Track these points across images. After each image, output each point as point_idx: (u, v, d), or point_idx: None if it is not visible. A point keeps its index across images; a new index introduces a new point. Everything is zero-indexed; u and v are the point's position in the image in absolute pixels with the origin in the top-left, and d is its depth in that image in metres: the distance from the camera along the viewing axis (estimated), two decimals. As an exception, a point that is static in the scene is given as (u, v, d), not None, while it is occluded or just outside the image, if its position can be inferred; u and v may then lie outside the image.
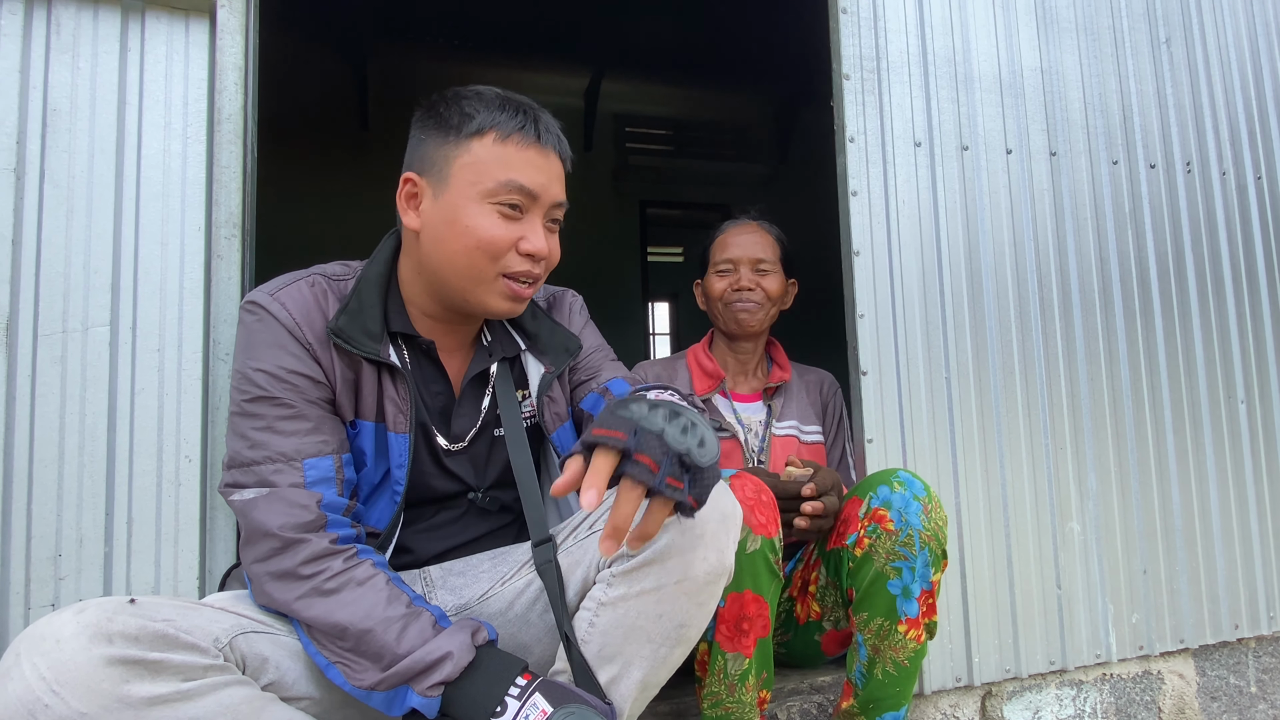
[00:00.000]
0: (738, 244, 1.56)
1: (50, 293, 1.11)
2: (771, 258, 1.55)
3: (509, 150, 0.90)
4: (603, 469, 0.66)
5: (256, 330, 0.88)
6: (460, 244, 0.90)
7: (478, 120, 0.90)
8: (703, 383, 1.56)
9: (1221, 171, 1.86)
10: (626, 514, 0.67)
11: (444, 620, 0.82)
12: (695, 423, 0.71)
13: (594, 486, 0.65)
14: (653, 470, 0.66)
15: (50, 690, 0.62)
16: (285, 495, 0.83)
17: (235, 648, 0.75)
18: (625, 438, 0.66)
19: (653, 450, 0.67)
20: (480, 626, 0.82)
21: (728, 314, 1.54)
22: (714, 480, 0.71)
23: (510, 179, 0.89)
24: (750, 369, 1.60)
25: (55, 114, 1.13)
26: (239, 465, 0.85)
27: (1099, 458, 1.66)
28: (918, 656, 1.11)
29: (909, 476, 1.13)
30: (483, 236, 0.89)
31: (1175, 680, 1.71)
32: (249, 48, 1.22)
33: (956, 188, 1.62)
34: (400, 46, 3.95)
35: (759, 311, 1.53)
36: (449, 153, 0.91)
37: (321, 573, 0.81)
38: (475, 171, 0.89)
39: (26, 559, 1.07)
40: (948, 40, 1.65)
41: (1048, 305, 1.66)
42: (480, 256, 0.90)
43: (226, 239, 1.19)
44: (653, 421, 0.68)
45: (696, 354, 1.61)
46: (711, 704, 1.07)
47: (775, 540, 1.04)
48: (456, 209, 0.90)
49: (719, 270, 1.57)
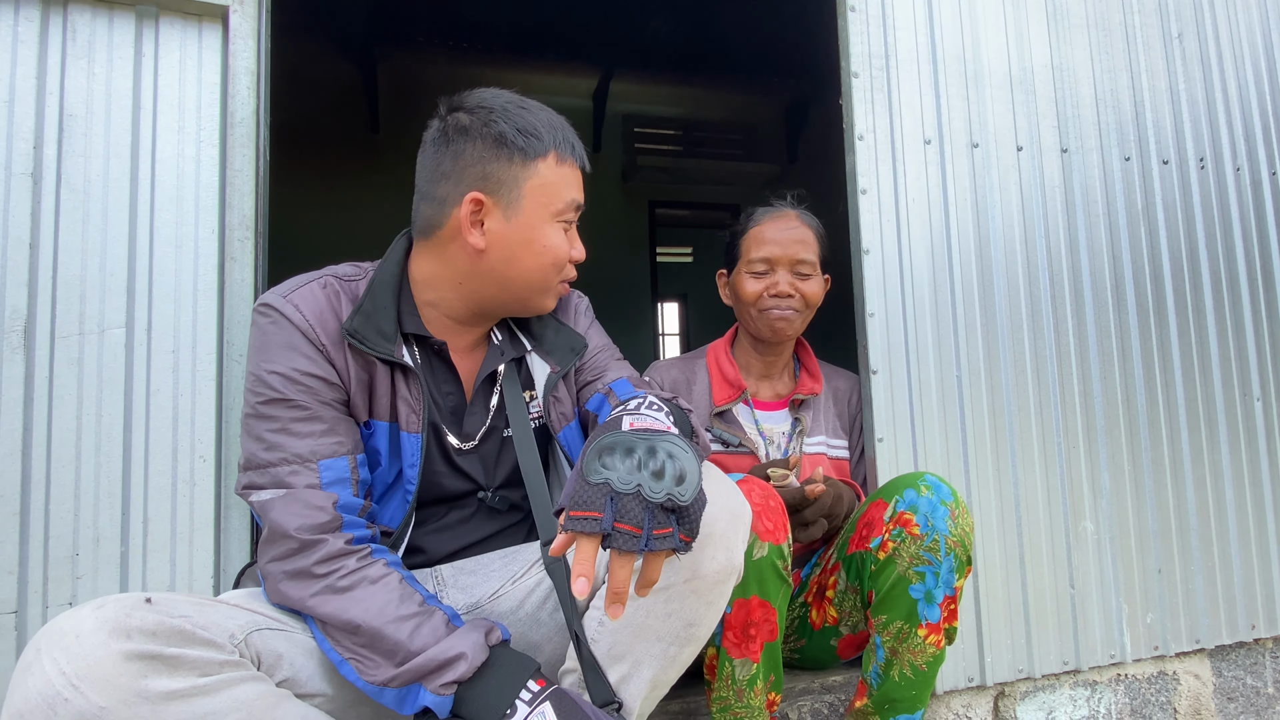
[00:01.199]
0: (777, 241, 1.39)
1: (67, 295, 1.13)
2: (813, 258, 1.40)
3: (565, 171, 0.97)
4: (588, 554, 0.68)
5: (270, 332, 0.89)
6: (537, 261, 0.96)
7: (542, 143, 0.95)
8: (723, 391, 1.43)
9: (1236, 167, 1.84)
10: (623, 578, 0.69)
11: (456, 620, 0.83)
12: (673, 453, 0.72)
13: (582, 575, 0.66)
14: (636, 534, 0.67)
15: (70, 684, 0.63)
16: (301, 496, 0.84)
17: (250, 644, 0.75)
18: (601, 516, 0.67)
19: (632, 515, 0.68)
20: (494, 627, 0.83)
21: (761, 320, 1.40)
22: (701, 507, 0.72)
23: (573, 198, 0.98)
24: (776, 374, 1.49)
25: (71, 119, 1.15)
26: (255, 467, 0.86)
27: (1112, 456, 1.64)
28: (936, 661, 1.10)
29: (936, 481, 1.11)
30: (558, 254, 0.98)
31: (1191, 681, 1.69)
32: (261, 52, 1.24)
33: (967, 185, 1.61)
34: (410, 50, 3.97)
35: (796, 320, 1.40)
36: (518, 174, 0.94)
37: (335, 571, 0.81)
38: (546, 194, 0.96)
39: (45, 557, 1.08)
40: (957, 37, 1.65)
41: (1059, 302, 1.65)
42: (553, 271, 0.98)
43: (240, 241, 1.20)
44: (627, 481, 0.69)
45: (718, 355, 1.48)
46: (720, 708, 1.07)
47: (784, 546, 1.04)
48: (533, 229, 0.95)
49: (754, 271, 1.41)
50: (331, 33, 3.70)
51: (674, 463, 0.72)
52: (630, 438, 0.74)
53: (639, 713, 0.89)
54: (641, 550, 0.67)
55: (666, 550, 0.70)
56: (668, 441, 0.74)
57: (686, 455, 0.73)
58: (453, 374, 1.01)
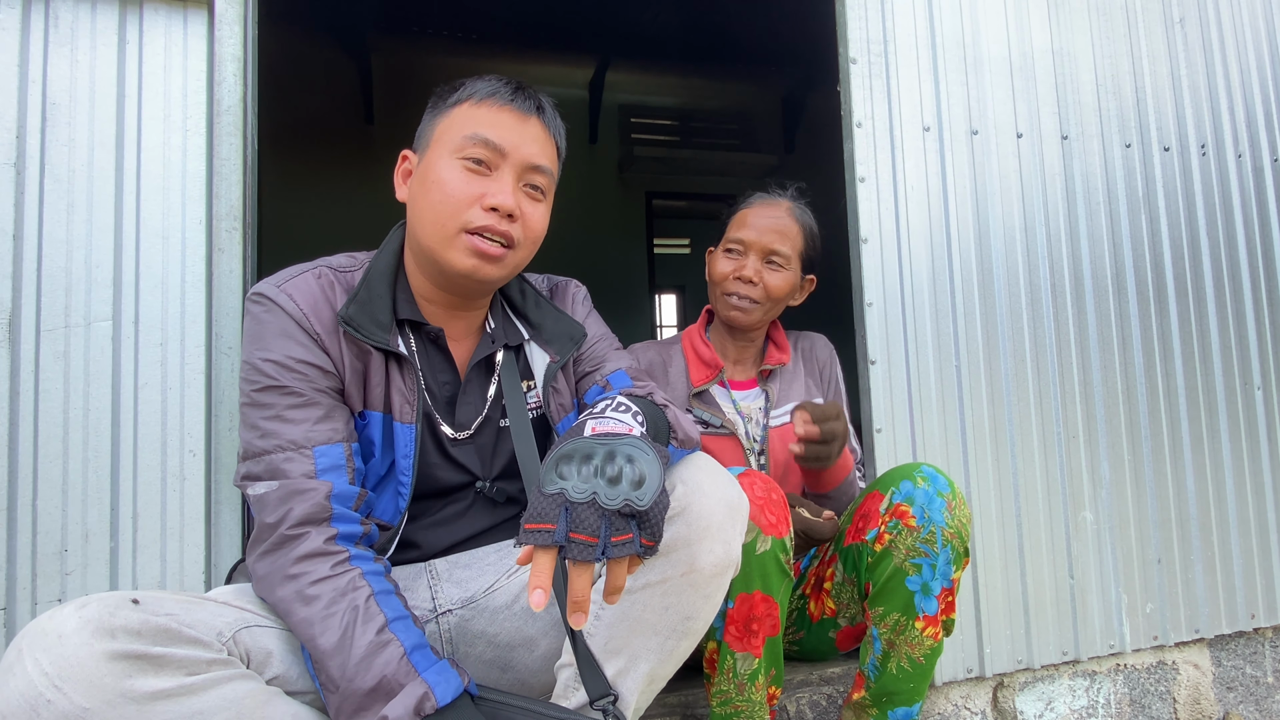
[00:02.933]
0: (755, 226, 1.36)
1: (52, 287, 1.11)
2: (789, 251, 1.36)
3: (481, 110, 0.92)
4: (544, 566, 0.66)
5: (265, 320, 0.88)
6: (427, 199, 0.91)
7: (461, 91, 0.94)
8: (700, 372, 1.40)
9: (1237, 154, 1.83)
10: (582, 587, 0.67)
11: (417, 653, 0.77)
12: (633, 457, 0.71)
13: (539, 586, 0.65)
14: (592, 544, 0.66)
15: (53, 686, 0.61)
16: (295, 487, 0.82)
17: (239, 642, 0.74)
18: (554, 527, 0.66)
19: (587, 524, 0.66)
20: (429, 693, 0.74)
21: (722, 304, 1.38)
22: (663, 510, 0.71)
23: (475, 133, 0.90)
24: (749, 356, 1.46)
25: (54, 108, 1.13)
26: (251, 456, 0.85)
27: (1112, 446, 1.63)
28: (934, 654, 1.09)
29: (933, 472, 1.10)
30: (446, 189, 0.90)
31: (1190, 670, 1.69)
32: (248, 39, 1.21)
33: (966, 172, 1.59)
34: (404, 40, 3.94)
35: (754, 311, 1.36)
36: (434, 122, 0.94)
37: (306, 575, 0.79)
38: (448, 132, 0.92)
39: (33, 554, 1.07)
40: (956, 22, 1.62)
41: (1059, 291, 1.64)
42: (444, 209, 0.90)
43: (228, 232, 1.18)
44: (582, 490, 0.68)
45: (693, 338, 1.45)
46: (720, 702, 1.06)
47: (786, 540, 1.03)
48: (428, 166, 0.92)
49: (728, 249, 1.38)
50: (324, 22, 3.66)
51: (633, 466, 0.70)
52: (590, 444, 0.73)
53: (636, 706, 0.88)
54: (598, 559, 0.66)
55: (629, 557, 0.69)
56: (627, 445, 0.73)
57: (648, 458, 0.72)
58: (450, 363, 0.99)
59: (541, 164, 0.94)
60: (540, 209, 0.96)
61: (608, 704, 0.84)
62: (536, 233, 0.96)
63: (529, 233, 0.95)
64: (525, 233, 0.94)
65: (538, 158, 0.94)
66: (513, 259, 0.94)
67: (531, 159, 0.93)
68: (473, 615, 0.96)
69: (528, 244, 0.95)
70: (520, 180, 0.93)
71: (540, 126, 0.95)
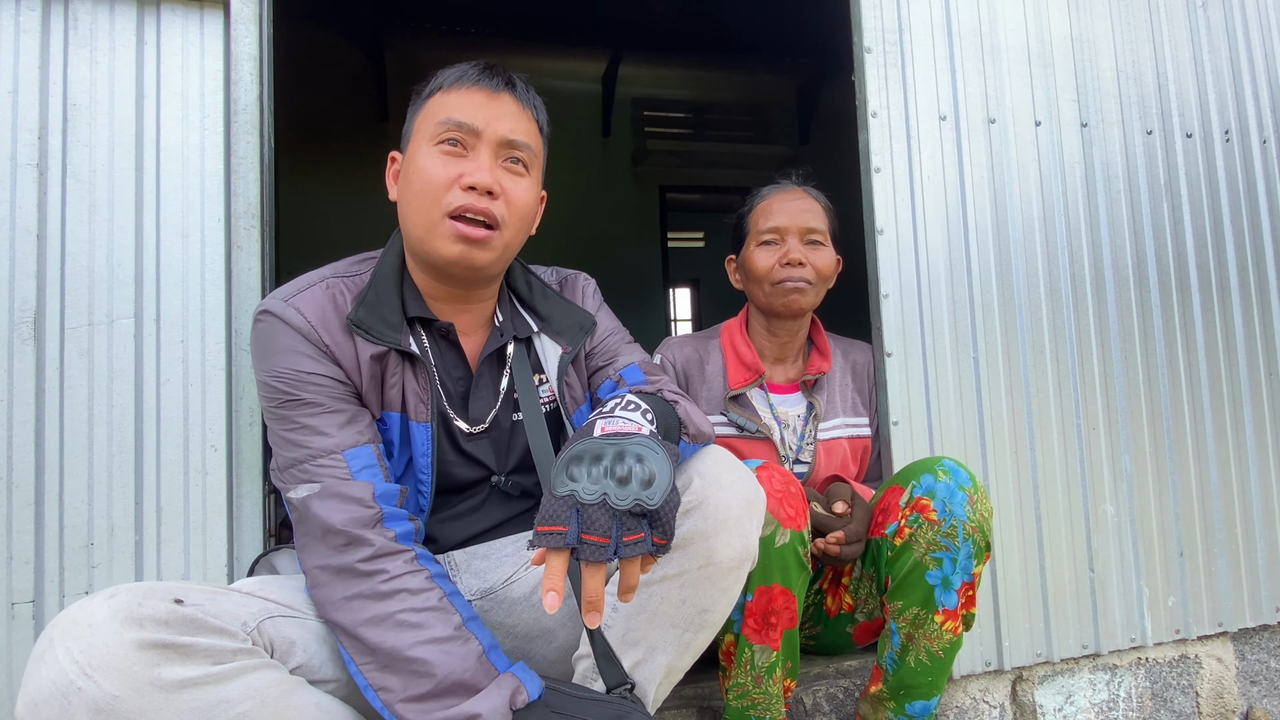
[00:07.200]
0: (785, 211, 1.35)
1: (75, 286, 1.13)
2: (823, 227, 1.36)
3: (451, 96, 0.93)
4: (557, 568, 0.67)
5: (273, 337, 0.89)
6: (410, 190, 0.92)
7: (433, 82, 0.95)
8: (739, 374, 1.38)
9: (1262, 140, 1.79)
10: (596, 588, 0.68)
11: (493, 652, 0.80)
12: (643, 456, 0.71)
13: (552, 589, 0.66)
14: (604, 544, 0.66)
15: (83, 673, 0.63)
16: (338, 489, 0.83)
17: (263, 632, 0.75)
18: (566, 530, 0.66)
19: (598, 525, 0.67)
20: (522, 686, 0.78)
21: (775, 294, 1.34)
22: (674, 509, 0.71)
23: (448, 117, 0.91)
24: (790, 355, 1.43)
25: (75, 109, 1.14)
26: (285, 468, 0.87)
27: (1133, 437, 1.61)
28: (953, 648, 1.08)
29: (954, 465, 1.09)
30: (425, 175, 0.90)
31: (1213, 664, 1.67)
32: (263, 37, 1.22)
33: (983, 162, 1.57)
34: (417, 36, 3.95)
35: (810, 292, 1.34)
36: (413, 118, 0.96)
37: (380, 573, 0.80)
38: (425, 123, 0.93)
39: (60, 547, 1.09)
40: (973, 9, 1.60)
41: (1079, 281, 1.61)
42: (426, 196, 0.90)
43: (246, 229, 1.19)
44: (592, 491, 0.68)
45: (733, 337, 1.43)
46: (737, 695, 1.06)
47: (804, 533, 1.02)
48: (409, 160, 0.94)
49: (763, 241, 1.36)
50: (338, 20, 3.69)
51: (642, 466, 0.70)
52: (599, 444, 0.73)
53: (654, 698, 0.89)
54: (610, 559, 0.67)
55: (642, 555, 0.69)
56: (637, 444, 0.73)
57: (657, 456, 0.72)
58: (462, 359, 1.00)
59: (517, 139, 0.93)
60: (523, 184, 0.95)
61: (624, 691, 0.85)
62: (522, 209, 0.94)
63: (514, 209, 0.93)
64: (510, 210, 0.93)
65: (513, 132, 0.93)
66: (500, 240, 0.92)
67: (506, 134, 0.92)
68: (491, 606, 0.97)
69: (514, 221, 0.94)
70: (498, 157, 0.93)
71: (513, 101, 0.94)
